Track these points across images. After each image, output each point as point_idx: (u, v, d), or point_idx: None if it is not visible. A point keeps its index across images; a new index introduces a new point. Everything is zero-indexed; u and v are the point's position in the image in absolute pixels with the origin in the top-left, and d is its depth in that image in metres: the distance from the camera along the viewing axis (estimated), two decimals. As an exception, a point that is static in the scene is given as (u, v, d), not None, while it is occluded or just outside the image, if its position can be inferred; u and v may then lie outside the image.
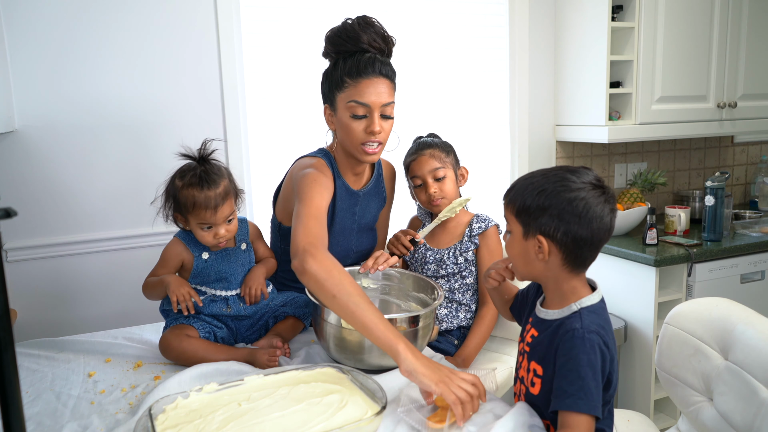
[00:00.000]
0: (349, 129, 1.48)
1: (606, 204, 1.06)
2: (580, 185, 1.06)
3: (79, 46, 1.92)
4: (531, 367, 1.13)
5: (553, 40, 2.63)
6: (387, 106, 1.48)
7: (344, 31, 1.49)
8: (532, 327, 1.16)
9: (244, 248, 1.53)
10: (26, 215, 1.91)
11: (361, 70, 1.45)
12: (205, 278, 1.48)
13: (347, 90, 1.46)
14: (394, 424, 1.11)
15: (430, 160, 1.73)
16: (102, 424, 1.14)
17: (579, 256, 1.07)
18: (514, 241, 1.12)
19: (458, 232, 1.77)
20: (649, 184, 2.60)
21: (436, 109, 2.47)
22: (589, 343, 1.03)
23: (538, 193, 1.06)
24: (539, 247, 1.07)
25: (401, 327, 1.30)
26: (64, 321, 1.99)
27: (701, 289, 2.30)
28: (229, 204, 1.43)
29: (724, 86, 2.58)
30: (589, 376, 1.01)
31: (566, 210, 1.04)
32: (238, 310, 1.49)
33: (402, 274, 1.57)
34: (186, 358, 1.38)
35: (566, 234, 1.05)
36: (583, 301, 1.09)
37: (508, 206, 1.12)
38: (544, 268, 1.10)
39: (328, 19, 2.11)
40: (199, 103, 2.08)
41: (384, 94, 1.47)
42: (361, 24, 1.49)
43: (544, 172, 1.11)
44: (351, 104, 1.46)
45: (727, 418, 1.22)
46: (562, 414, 1.03)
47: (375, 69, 1.46)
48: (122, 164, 2.01)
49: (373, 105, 1.46)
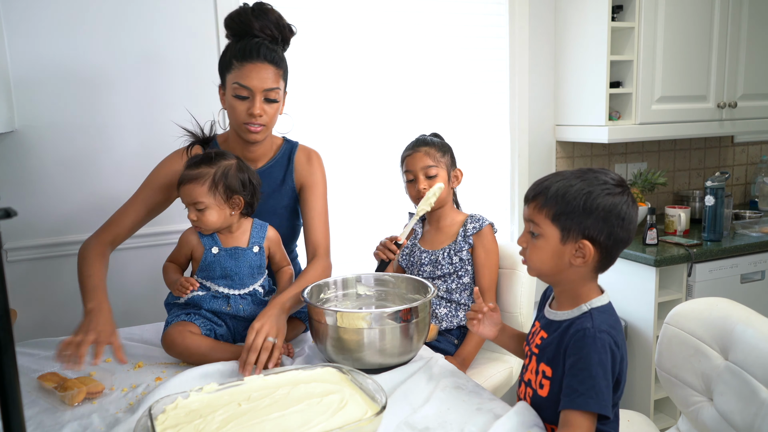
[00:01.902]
0: (232, 109, 1.54)
1: (633, 205, 1.09)
2: (614, 187, 1.06)
3: (80, 46, 1.92)
4: (540, 369, 1.12)
5: (553, 40, 2.63)
6: (271, 91, 1.53)
7: (237, 15, 1.56)
8: (541, 329, 1.16)
9: (256, 251, 1.52)
10: (26, 215, 1.91)
11: (246, 54, 1.51)
12: (210, 273, 1.48)
13: (233, 72, 1.52)
14: (394, 424, 1.11)
15: (424, 158, 1.75)
16: (102, 423, 1.14)
17: (613, 257, 1.09)
18: (546, 243, 1.09)
19: (452, 232, 1.78)
20: (649, 184, 2.60)
21: (436, 109, 2.46)
22: (600, 343, 1.03)
23: (583, 196, 1.05)
24: (577, 250, 1.06)
25: (394, 322, 1.31)
26: (64, 321, 1.99)
27: (701, 289, 2.30)
28: (193, 188, 1.44)
29: (724, 86, 2.58)
30: (600, 376, 1.02)
31: (612, 213, 1.05)
32: (237, 310, 1.49)
33: (395, 277, 1.58)
34: (189, 354, 1.38)
35: (609, 237, 1.06)
36: (593, 302, 1.10)
37: (543, 209, 1.09)
38: (574, 272, 1.09)
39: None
40: (200, 104, 2.08)
41: (268, 80, 1.51)
42: (255, 11, 1.55)
43: (577, 174, 1.09)
44: (235, 86, 1.52)
45: (727, 418, 1.22)
46: (568, 412, 1.03)
47: (260, 54, 1.51)
48: (122, 164, 2.01)
49: (255, 89, 1.51)
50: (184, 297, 1.46)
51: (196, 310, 1.47)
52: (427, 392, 1.24)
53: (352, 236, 2.30)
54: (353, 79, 2.31)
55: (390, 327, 1.30)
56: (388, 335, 1.30)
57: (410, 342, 1.34)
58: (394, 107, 2.39)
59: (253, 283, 1.52)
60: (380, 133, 2.38)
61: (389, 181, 2.34)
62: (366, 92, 2.34)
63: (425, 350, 1.47)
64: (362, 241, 2.24)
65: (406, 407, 1.17)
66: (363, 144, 2.35)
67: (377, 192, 2.37)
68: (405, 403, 1.19)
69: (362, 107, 2.34)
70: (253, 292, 1.52)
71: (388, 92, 2.38)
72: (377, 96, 2.36)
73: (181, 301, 1.48)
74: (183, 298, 1.47)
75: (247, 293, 1.51)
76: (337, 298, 1.56)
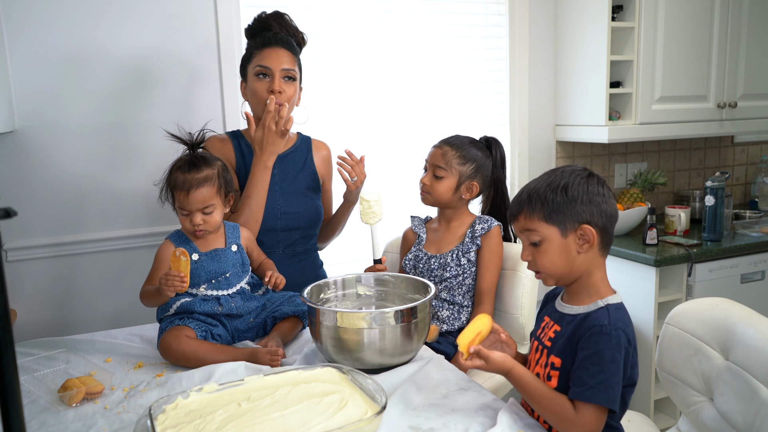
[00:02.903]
0: (254, 91, 1.70)
1: (603, 182, 1.15)
2: (580, 174, 1.14)
3: (80, 46, 1.91)
4: (549, 361, 1.14)
5: (553, 40, 2.63)
6: (289, 70, 1.69)
7: (257, 19, 1.75)
8: (555, 323, 1.17)
9: (235, 249, 1.54)
10: (26, 215, 1.91)
11: (265, 42, 1.70)
12: (196, 279, 1.47)
13: (254, 59, 1.70)
14: (397, 426, 1.11)
15: (439, 157, 1.75)
16: (105, 423, 1.15)
17: (610, 234, 1.14)
18: (550, 244, 1.12)
19: (460, 233, 1.77)
20: (649, 184, 2.60)
21: (436, 109, 2.47)
22: (615, 340, 1.05)
23: (561, 190, 1.11)
24: (580, 238, 1.11)
25: (394, 322, 1.31)
26: (64, 321, 1.99)
27: (701, 289, 2.30)
28: (206, 191, 1.45)
29: (724, 86, 2.58)
30: (612, 371, 1.04)
31: (592, 192, 1.11)
32: (229, 309, 1.49)
33: (395, 277, 1.58)
34: (187, 359, 1.38)
35: (601, 215, 1.11)
36: (609, 299, 1.12)
37: (533, 215, 1.13)
38: (583, 260, 1.13)
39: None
40: (200, 103, 2.09)
41: (285, 62, 1.69)
42: (272, 16, 1.75)
43: (547, 176, 1.16)
44: (256, 68, 1.69)
45: (728, 419, 1.22)
46: (576, 403, 1.06)
47: (278, 41, 1.70)
48: (123, 164, 2.01)
49: (274, 68, 1.67)
50: (175, 292, 1.38)
51: (189, 314, 1.46)
52: (428, 392, 1.24)
53: (353, 236, 2.29)
54: (353, 80, 2.31)
55: (390, 327, 1.30)
56: (388, 335, 1.30)
57: (410, 342, 1.34)
58: (393, 107, 2.39)
59: (239, 282, 1.53)
60: (380, 133, 2.38)
61: (389, 181, 2.34)
62: (366, 92, 2.34)
63: (425, 350, 1.47)
64: (363, 240, 2.24)
65: (407, 407, 1.17)
66: (363, 144, 2.34)
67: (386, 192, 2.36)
68: (405, 403, 1.19)
69: (362, 107, 2.35)
70: (241, 290, 1.53)
71: (387, 92, 2.38)
72: (377, 96, 2.36)
73: (171, 311, 1.46)
74: (175, 295, 1.42)
75: (236, 292, 1.52)
76: (337, 298, 1.56)
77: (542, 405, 1.09)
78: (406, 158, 2.39)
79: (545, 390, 1.10)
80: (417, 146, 2.33)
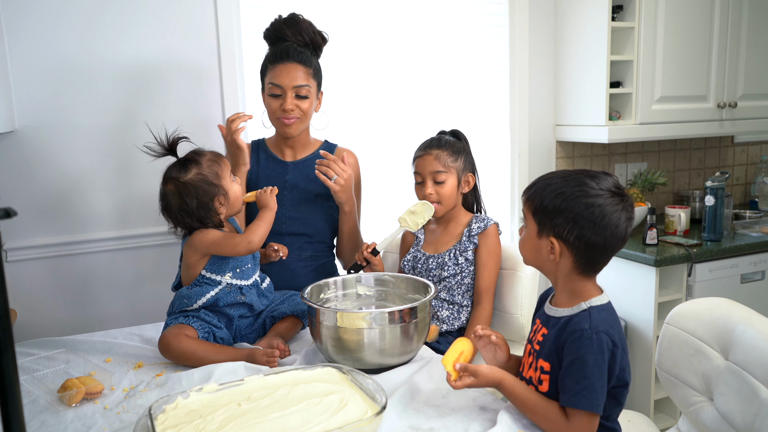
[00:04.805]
0: (268, 106, 1.75)
1: (623, 212, 1.07)
2: (598, 191, 1.06)
3: (80, 46, 1.91)
4: (539, 365, 1.13)
5: (553, 40, 2.63)
6: (301, 87, 1.70)
7: (272, 26, 1.76)
8: (543, 326, 1.17)
9: None
10: (26, 215, 1.91)
11: (277, 57, 1.71)
12: (222, 266, 1.48)
13: (268, 74, 1.72)
14: (397, 426, 1.11)
15: (434, 162, 1.72)
16: (105, 423, 1.15)
17: (590, 260, 1.09)
18: (529, 236, 1.15)
19: (457, 233, 1.77)
20: (649, 184, 2.60)
21: (436, 109, 2.46)
22: (597, 344, 1.04)
23: (555, 195, 1.08)
24: (551, 248, 1.10)
25: (394, 322, 1.31)
26: (64, 321, 1.99)
27: (701, 289, 2.30)
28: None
29: (724, 86, 2.58)
30: (595, 376, 1.04)
31: (582, 215, 1.06)
32: (251, 300, 1.51)
33: (395, 277, 1.58)
34: (185, 358, 1.38)
35: (579, 238, 1.07)
36: (593, 300, 1.10)
37: (526, 203, 1.15)
38: (554, 267, 1.13)
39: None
40: (199, 103, 2.08)
41: (297, 78, 1.69)
42: (287, 20, 1.74)
43: (564, 174, 1.12)
44: (269, 86, 1.72)
45: (728, 419, 1.22)
46: (566, 408, 1.06)
47: (289, 55, 1.70)
48: (122, 164, 2.01)
49: (286, 86, 1.69)
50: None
51: (195, 313, 1.47)
52: (428, 392, 1.24)
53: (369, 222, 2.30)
54: (353, 80, 2.31)
55: (390, 327, 1.30)
56: (388, 335, 1.30)
57: (410, 342, 1.34)
58: (393, 107, 2.39)
59: (254, 274, 1.55)
60: (379, 133, 2.38)
61: (389, 181, 2.34)
62: (365, 92, 2.34)
63: (425, 350, 1.47)
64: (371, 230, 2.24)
65: (407, 408, 1.17)
66: (362, 144, 2.34)
67: (377, 191, 2.36)
68: (405, 403, 1.19)
69: (362, 107, 2.34)
70: (255, 282, 1.56)
71: (387, 92, 2.38)
72: (377, 96, 2.36)
73: (196, 305, 1.46)
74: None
75: (252, 284, 1.54)
76: (337, 298, 1.56)
77: (535, 414, 1.08)
78: (405, 158, 2.38)
79: (536, 399, 1.09)
80: (417, 146, 2.32)
